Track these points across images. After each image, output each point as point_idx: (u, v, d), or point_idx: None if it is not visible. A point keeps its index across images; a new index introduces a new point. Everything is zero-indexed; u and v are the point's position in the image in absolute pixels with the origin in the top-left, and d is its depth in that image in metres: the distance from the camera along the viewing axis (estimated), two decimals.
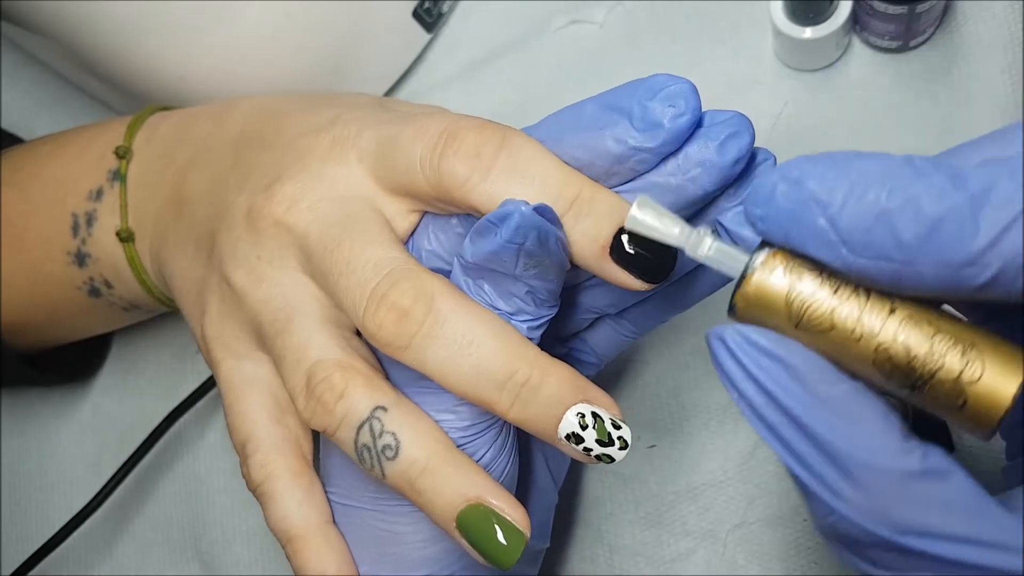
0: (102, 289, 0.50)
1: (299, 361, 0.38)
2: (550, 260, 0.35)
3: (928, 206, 0.27)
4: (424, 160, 0.37)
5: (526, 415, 0.36)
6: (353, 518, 0.40)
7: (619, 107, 0.35)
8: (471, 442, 0.38)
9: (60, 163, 0.50)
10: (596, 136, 0.35)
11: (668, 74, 0.35)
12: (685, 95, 0.35)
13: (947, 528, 0.27)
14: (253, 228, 0.40)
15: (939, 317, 0.28)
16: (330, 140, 0.40)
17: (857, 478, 0.27)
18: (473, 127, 0.37)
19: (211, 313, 0.42)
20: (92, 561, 0.58)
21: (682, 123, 0.34)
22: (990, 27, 0.50)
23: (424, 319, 0.35)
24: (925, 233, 0.27)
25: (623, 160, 0.35)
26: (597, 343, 0.44)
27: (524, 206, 0.34)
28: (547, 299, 0.37)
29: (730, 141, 0.35)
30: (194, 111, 0.49)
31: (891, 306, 0.28)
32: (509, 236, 0.34)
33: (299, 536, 0.40)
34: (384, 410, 0.37)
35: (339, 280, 0.37)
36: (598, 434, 0.36)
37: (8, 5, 0.52)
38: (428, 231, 0.39)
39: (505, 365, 0.35)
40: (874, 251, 0.27)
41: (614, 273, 0.36)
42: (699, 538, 0.49)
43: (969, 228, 0.26)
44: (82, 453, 0.60)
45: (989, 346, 0.28)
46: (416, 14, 0.57)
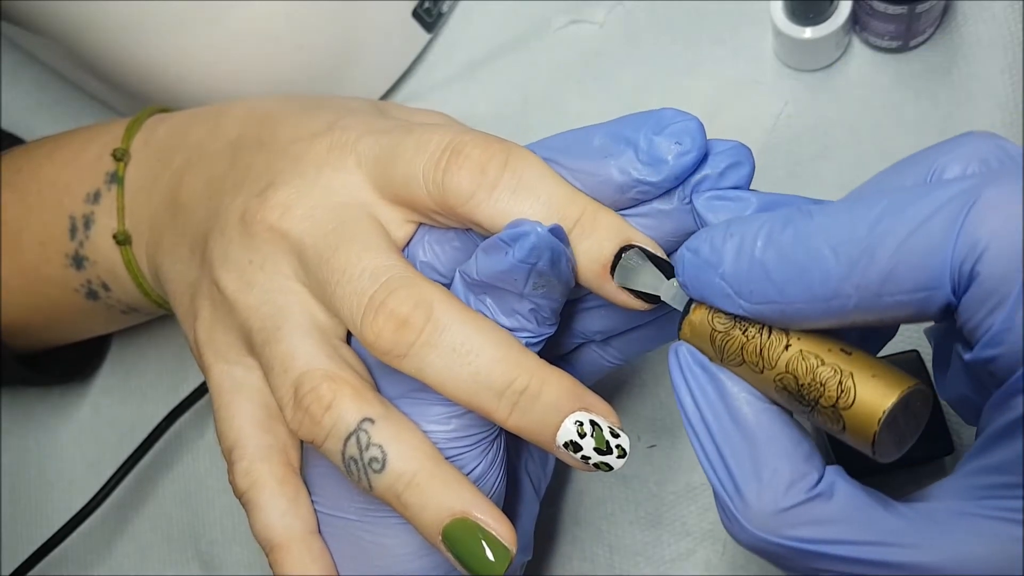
0: (100, 292, 0.50)
1: (287, 371, 0.38)
2: (559, 280, 0.35)
3: (791, 252, 0.30)
4: (427, 174, 0.37)
5: (524, 423, 0.36)
6: (340, 529, 0.40)
7: (626, 138, 0.35)
8: (462, 454, 0.38)
9: (57, 165, 0.50)
10: (601, 164, 0.36)
11: (677, 110, 0.35)
12: (692, 133, 0.35)
13: (827, 537, 0.31)
14: (246, 233, 0.40)
15: (828, 349, 0.32)
16: (327, 145, 0.40)
17: (746, 496, 0.31)
18: (478, 143, 0.37)
19: (203, 317, 0.42)
20: (92, 561, 0.58)
21: (686, 161, 0.35)
22: (990, 27, 0.50)
23: (423, 327, 0.35)
24: (793, 275, 0.30)
25: (625, 190, 0.36)
26: (582, 367, 0.44)
27: (540, 227, 0.34)
28: (549, 317, 0.37)
29: (730, 171, 0.35)
30: (191, 114, 0.49)
31: (787, 341, 0.32)
32: (523, 256, 0.34)
33: (281, 545, 0.40)
34: (371, 422, 0.37)
35: (335, 289, 0.37)
36: (596, 442, 0.36)
37: (8, 5, 0.52)
38: (424, 243, 0.39)
39: (504, 373, 0.35)
40: (759, 297, 0.31)
41: (614, 293, 0.36)
42: (699, 538, 0.49)
43: (829, 265, 0.29)
44: (82, 453, 0.60)
45: (866, 376, 0.31)
46: (416, 14, 0.57)
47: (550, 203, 0.36)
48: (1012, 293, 0.27)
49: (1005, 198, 0.28)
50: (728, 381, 0.33)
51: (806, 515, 0.31)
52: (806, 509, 0.31)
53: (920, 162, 0.32)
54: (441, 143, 0.37)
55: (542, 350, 0.38)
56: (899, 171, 0.33)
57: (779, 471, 0.31)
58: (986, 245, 0.27)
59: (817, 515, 0.31)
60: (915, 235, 0.28)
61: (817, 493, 0.31)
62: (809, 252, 0.30)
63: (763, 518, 0.31)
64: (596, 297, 0.40)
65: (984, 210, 0.28)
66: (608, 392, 0.52)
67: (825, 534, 0.31)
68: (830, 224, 0.30)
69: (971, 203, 0.28)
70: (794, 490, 0.31)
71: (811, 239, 0.30)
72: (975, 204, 0.28)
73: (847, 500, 0.31)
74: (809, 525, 0.31)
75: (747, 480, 0.32)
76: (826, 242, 0.30)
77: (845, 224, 0.30)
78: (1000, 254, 0.27)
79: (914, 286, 0.28)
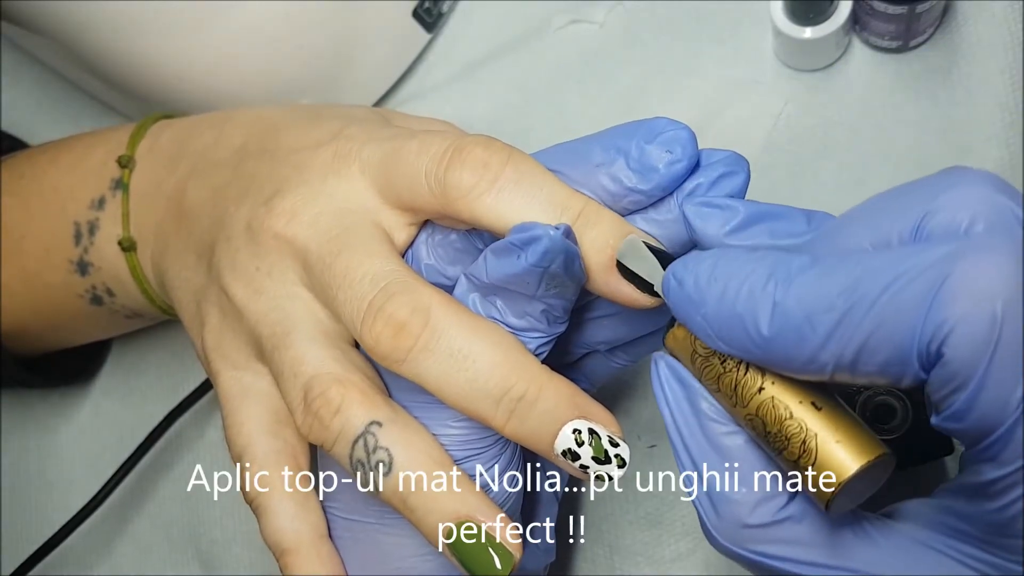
0: (104, 297, 0.50)
1: (296, 375, 0.38)
2: (572, 281, 0.35)
3: (770, 314, 0.30)
4: (430, 172, 0.37)
5: (522, 431, 0.35)
6: (360, 533, 0.40)
7: (617, 147, 0.36)
8: (473, 458, 0.38)
9: (60, 171, 0.50)
10: (593, 173, 0.36)
11: (669, 119, 0.36)
12: (683, 142, 0.35)
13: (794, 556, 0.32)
14: (253, 241, 0.40)
15: (800, 401, 0.32)
16: (332, 153, 0.40)
17: (717, 508, 0.33)
18: (480, 142, 0.37)
19: (211, 324, 0.42)
20: (91, 561, 0.58)
21: (677, 170, 0.35)
22: (990, 27, 0.50)
23: (420, 332, 0.35)
24: (772, 336, 0.30)
25: (618, 199, 0.36)
26: (591, 371, 0.44)
27: (552, 230, 0.34)
28: (560, 316, 0.37)
29: (724, 180, 0.35)
30: (196, 120, 0.49)
31: (761, 383, 0.32)
32: (536, 261, 0.34)
33: (291, 549, 0.40)
34: (379, 425, 0.37)
35: (337, 293, 0.37)
36: (594, 451, 0.35)
37: (8, 5, 0.52)
38: (427, 245, 0.39)
39: (501, 379, 0.35)
40: (737, 345, 0.31)
41: (620, 287, 0.36)
42: (699, 538, 0.49)
43: (806, 333, 0.29)
44: (82, 453, 0.60)
45: (830, 439, 0.31)
46: (416, 14, 0.57)
47: (552, 198, 0.36)
48: (974, 377, 0.27)
49: (977, 276, 0.27)
50: (703, 402, 0.34)
51: (774, 534, 0.32)
52: (773, 529, 0.32)
53: (911, 205, 0.31)
54: (444, 144, 0.37)
55: (550, 352, 0.38)
56: (891, 210, 0.31)
57: (747, 491, 0.32)
58: (952, 327, 0.27)
59: (785, 535, 0.32)
60: (887, 310, 0.28)
61: (786, 516, 0.32)
62: (787, 319, 0.30)
63: (731, 531, 0.32)
64: (602, 307, 0.40)
65: (954, 289, 0.27)
66: (609, 392, 0.52)
67: (793, 553, 0.32)
68: (808, 291, 0.30)
69: (943, 279, 0.27)
70: (761, 510, 0.32)
71: (789, 304, 0.30)
72: (946, 281, 0.27)
73: (817, 523, 0.32)
74: (776, 543, 0.32)
75: (718, 493, 0.33)
76: (803, 310, 0.29)
77: (823, 292, 0.29)
78: (966, 339, 0.27)
79: (885, 360, 0.28)
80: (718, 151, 0.36)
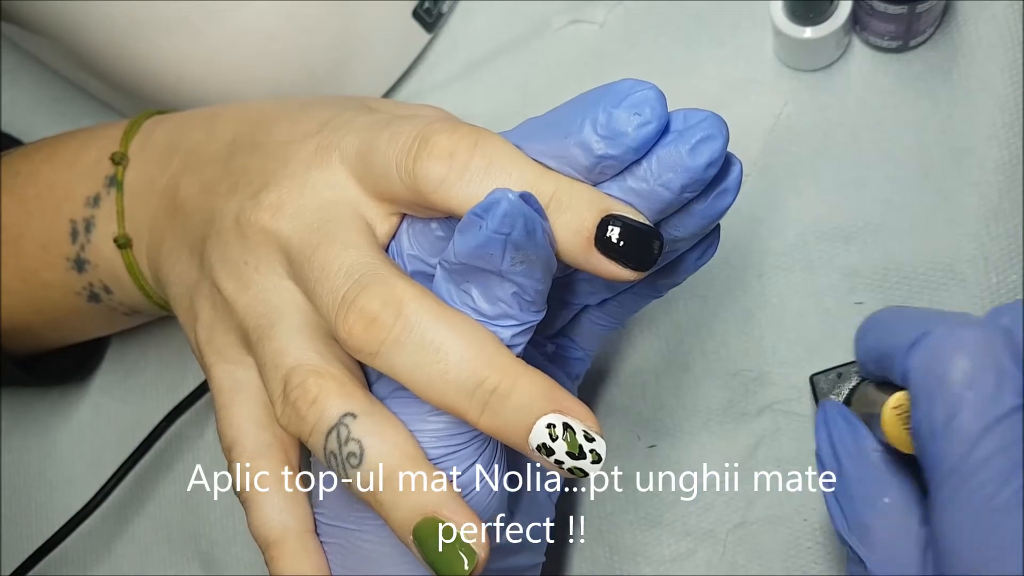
0: (102, 295, 0.50)
1: (277, 367, 0.38)
2: (537, 254, 0.34)
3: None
4: (400, 165, 0.37)
5: (496, 424, 0.35)
6: (340, 539, 0.40)
7: (586, 113, 0.35)
8: (453, 453, 0.37)
9: (55, 169, 0.50)
10: (562, 144, 0.35)
11: (634, 79, 0.34)
12: (651, 102, 0.34)
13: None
14: (241, 235, 0.40)
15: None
16: (315, 145, 0.40)
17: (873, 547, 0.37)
18: (445, 129, 0.36)
19: (203, 318, 0.43)
20: (91, 561, 0.58)
21: (646, 132, 0.34)
22: (990, 27, 0.50)
23: (392, 325, 0.35)
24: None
25: (591, 167, 0.35)
26: (580, 337, 0.44)
27: (511, 193, 0.33)
28: (534, 301, 0.36)
29: (702, 144, 0.34)
30: (187, 116, 0.49)
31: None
32: (496, 226, 0.33)
33: (277, 542, 0.40)
34: (353, 417, 0.37)
35: (315, 286, 0.37)
36: (568, 446, 0.34)
37: (8, 5, 0.52)
38: (408, 235, 0.39)
39: (474, 372, 0.34)
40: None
41: (602, 264, 0.35)
42: (699, 538, 0.49)
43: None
44: (81, 453, 0.60)
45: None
46: (416, 14, 0.57)
47: (522, 181, 0.35)
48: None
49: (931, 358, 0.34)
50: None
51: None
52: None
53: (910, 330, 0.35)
54: (411, 133, 0.37)
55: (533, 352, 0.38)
56: (899, 332, 0.36)
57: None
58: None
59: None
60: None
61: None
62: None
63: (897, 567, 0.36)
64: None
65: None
66: (610, 392, 0.52)
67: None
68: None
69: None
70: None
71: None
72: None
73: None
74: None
75: (871, 535, 0.37)
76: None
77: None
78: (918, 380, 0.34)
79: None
80: (697, 111, 0.34)
